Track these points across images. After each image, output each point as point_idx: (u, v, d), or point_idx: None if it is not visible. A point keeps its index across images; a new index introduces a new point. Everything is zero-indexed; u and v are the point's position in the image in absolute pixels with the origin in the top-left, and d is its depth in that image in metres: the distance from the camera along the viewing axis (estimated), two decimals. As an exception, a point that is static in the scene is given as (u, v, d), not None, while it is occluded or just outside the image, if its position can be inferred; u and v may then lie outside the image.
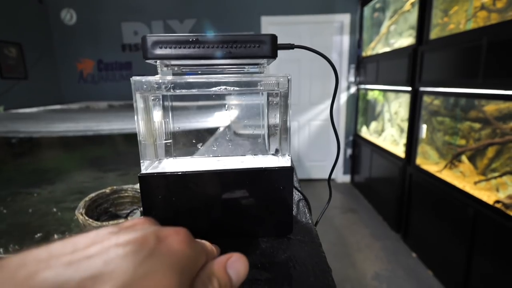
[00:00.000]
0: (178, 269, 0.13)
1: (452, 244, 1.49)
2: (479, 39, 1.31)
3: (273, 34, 0.22)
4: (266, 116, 0.26)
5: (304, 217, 0.29)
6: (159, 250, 0.13)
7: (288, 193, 0.24)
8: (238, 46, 0.21)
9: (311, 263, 0.21)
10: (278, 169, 0.24)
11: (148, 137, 0.23)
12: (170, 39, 0.21)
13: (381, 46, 2.59)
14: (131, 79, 0.21)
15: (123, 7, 3.00)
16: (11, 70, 2.61)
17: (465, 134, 1.63)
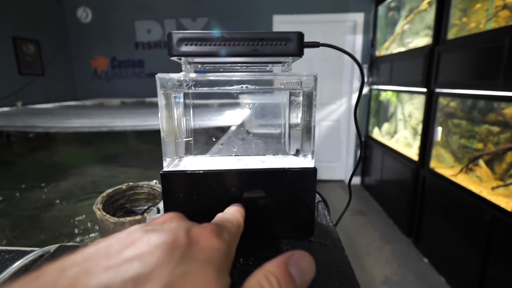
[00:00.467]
0: (213, 264, 0.13)
1: (467, 250, 1.45)
2: (501, 40, 1.27)
3: (300, 32, 0.22)
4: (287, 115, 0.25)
5: (324, 220, 0.28)
6: (191, 249, 0.13)
7: (310, 195, 0.24)
8: (264, 43, 0.21)
9: (335, 268, 0.20)
10: (301, 170, 0.23)
11: (170, 134, 0.23)
12: (196, 36, 0.21)
13: (395, 46, 2.54)
14: (156, 76, 0.21)
15: (137, 5, 3.04)
16: (29, 67, 2.68)
17: (483, 137, 1.58)
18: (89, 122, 1.20)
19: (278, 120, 0.27)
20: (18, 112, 1.74)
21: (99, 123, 1.18)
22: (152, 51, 3.16)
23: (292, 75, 0.22)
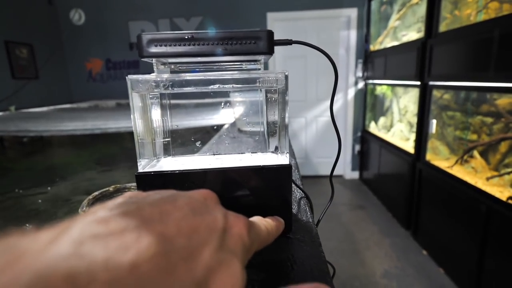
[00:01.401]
0: (238, 256, 0.13)
1: (464, 241, 1.46)
2: (491, 31, 1.27)
3: (269, 30, 0.22)
4: (265, 113, 0.25)
5: (304, 216, 0.28)
6: (226, 235, 0.13)
7: (287, 192, 0.24)
8: (234, 42, 0.21)
9: (310, 264, 0.20)
10: (276, 167, 0.23)
11: (147, 135, 0.23)
12: (165, 37, 0.21)
13: (389, 40, 2.54)
14: (127, 78, 0.21)
15: (130, 6, 3.03)
16: (22, 71, 2.67)
17: (477, 128, 1.58)
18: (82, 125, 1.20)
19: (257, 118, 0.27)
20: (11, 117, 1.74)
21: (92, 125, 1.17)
22: (146, 51, 3.14)
23: (266, 73, 0.22)
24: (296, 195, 0.34)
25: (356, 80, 3.01)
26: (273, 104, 0.24)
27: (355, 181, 3.15)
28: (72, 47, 3.17)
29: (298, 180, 0.38)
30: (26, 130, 1.18)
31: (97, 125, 1.16)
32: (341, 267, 1.74)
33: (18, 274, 0.08)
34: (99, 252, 0.09)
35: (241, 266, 0.13)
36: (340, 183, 3.08)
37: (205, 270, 0.11)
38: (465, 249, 1.45)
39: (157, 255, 0.10)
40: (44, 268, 0.09)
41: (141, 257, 0.10)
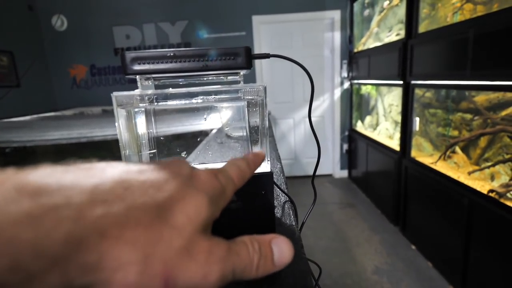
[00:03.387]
0: (207, 195, 0.15)
1: (450, 234, 1.51)
2: (466, 32, 1.33)
3: (247, 46, 0.23)
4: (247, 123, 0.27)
5: (288, 219, 0.29)
6: (192, 179, 0.16)
7: (269, 197, 0.25)
8: (213, 59, 0.22)
9: (292, 265, 0.22)
10: (258, 174, 0.25)
11: (133, 149, 0.24)
12: (148, 55, 0.22)
13: (372, 41, 2.61)
14: (112, 95, 0.22)
15: (114, 11, 2.99)
16: (2, 79, 2.59)
17: (457, 125, 1.65)
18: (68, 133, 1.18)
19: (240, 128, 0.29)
20: (-7, 128, 1.69)
21: (78, 133, 1.16)
22: (131, 57, 3.11)
23: (246, 86, 0.24)
24: (281, 199, 0.35)
25: (342, 80, 3.07)
26: (254, 114, 0.25)
27: (344, 179, 3.20)
28: (54, 53, 3.10)
29: (283, 184, 0.40)
30: (8, 140, 1.15)
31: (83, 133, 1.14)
32: (333, 265, 1.76)
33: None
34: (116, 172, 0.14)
35: (207, 202, 0.15)
36: (329, 182, 3.13)
37: (167, 198, 0.14)
38: (451, 242, 1.50)
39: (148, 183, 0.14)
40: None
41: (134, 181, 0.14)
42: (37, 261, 0.10)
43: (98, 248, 0.11)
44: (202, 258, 0.14)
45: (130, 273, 0.12)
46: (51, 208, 0.11)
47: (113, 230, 0.12)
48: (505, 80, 1.17)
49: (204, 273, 0.14)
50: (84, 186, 0.12)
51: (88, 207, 0.11)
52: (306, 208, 0.38)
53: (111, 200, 0.12)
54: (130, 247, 0.12)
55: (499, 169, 1.39)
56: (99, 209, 0.12)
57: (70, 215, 0.11)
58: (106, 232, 0.11)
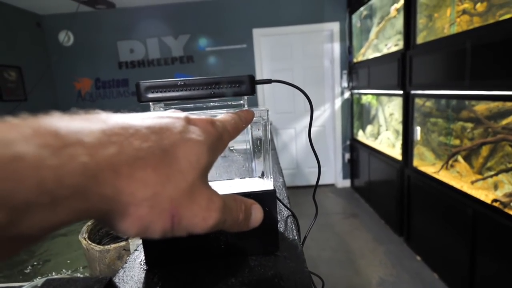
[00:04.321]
0: (205, 141, 0.17)
1: (455, 245, 1.50)
2: (463, 43, 1.35)
3: (250, 75, 0.25)
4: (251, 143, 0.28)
5: (291, 234, 0.31)
6: (189, 126, 0.17)
7: (272, 214, 0.26)
8: (220, 87, 0.24)
9: (295, 279, 0.23)
10: (262, 192, 0.26)
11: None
12: (160, 84, 0.24)
13: (371, 51, 2.65)
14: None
15: (119, 26, 3.07)
16: (11, 93, 2.65)
17: (459, 134, 1.66)
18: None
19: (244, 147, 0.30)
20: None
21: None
22: (136, 69, 3.17)
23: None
24: (284, 214, 0.36)
25: (342, 90, 3.10)
26: (257, 134, 0.27)
27: (347, 189, 3.19)
28: (60, 67, 3.17)
29: (285, 199, 0.41)
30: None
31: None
32: (337, 277, 1.74)
33: None
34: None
35: (206, 149, 0.16)
36: (332, 192, 3.12)
37: (169, 144, 0.15)
38: (457, 253, 1.49)
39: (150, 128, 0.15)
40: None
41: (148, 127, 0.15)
42: (60, 187, 0.11)
43: (113, 183, 0.13)
44: (204, 203, 0.15)
45: (142, 207, 0.13)
46: (66, 144, 0.12)
47: (125, 168, 0.13)
48: (504, 90, 1.18)
49: (204, 217, 0.15)
50: (92, 129, 0.13)
51: (99, 147, 0.12)
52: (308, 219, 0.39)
53: (118, 142, 0.13)
54: (142, 185, 0.13)
55: (502, 178, 1.39)
56: (110, 149, 0.13)
57: (84, 152, 0.12)
58: (119, 169, 0.13)
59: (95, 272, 0.39)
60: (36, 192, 0.10)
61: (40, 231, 0.11)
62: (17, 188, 0.10)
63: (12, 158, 0.10)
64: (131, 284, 0.24)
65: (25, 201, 0.10)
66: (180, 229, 0.15)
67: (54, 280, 0.22)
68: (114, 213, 0.13)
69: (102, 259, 0.37)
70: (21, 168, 0.10)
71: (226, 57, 3.08)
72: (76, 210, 0.12)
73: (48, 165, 0.11)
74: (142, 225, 0.14)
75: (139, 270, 0.26)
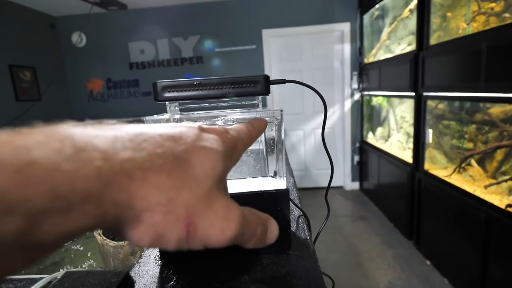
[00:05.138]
0: (218, 149, 0.16)
1: (467, 250, 1.47)
2: (479, 44, 1.32)
3: (265, 75, 0.25)
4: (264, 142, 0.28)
5: (303, 233, 0.31)
6: (203, 134, 0.17)
7: (285, 213, 0.27)
8: (235, 86, 0.24)
9: (308, 277, 0.23)
10: (275, 191, 0.26)
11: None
12: (177, 84, 0.24)
13: (382, 52, 2.62)
14: (145, 119, 0.25)
15: (130, 28, 3.13)
16: (26, 93, 2.73)
17: (472, 137, 1.62)
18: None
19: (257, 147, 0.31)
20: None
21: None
22: (146, 70, 3.22)
23: (264, 110, 0.26)
24: (295, 214, 0.36)
25: (352, 91, 3.07)
26: (271, 135, 0.27)
27: (355, 191, 3.15)
28: (73, 68, 3.25)
29: (296, 199, 0.41)
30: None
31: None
32: (345, 280, 1.72)
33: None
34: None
35: (221, 157, 0.16)
36: (340, 194, 3.09)
37: (184, 151, 0.15)
38: (468, 258, 1.45)
39: (164, 136, 0.15)
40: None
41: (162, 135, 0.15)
42: (74, 192, 0.11)
43: (127, 188, 0.12)
44: (222, 212, 0.15)
45: (156, 213, 0.13)
46: (80, 149, 0.12)
47: (139, 173, 0.13)
48: (520, 92, 1.15)
49: (221, 227, 0.14)
50: (105, 136, 0.13)
51: (113, 152, 0.12)
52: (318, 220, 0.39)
53: (132, 148, 0.13)
54: (156, 189, 0.13)
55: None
56: (124, 154, 0.13)
57: (98, 156, 0.12)
58: (132, 174, 0.13)
59: (109, 267, 0.40)
60: (51, 197, 0.11)
61: (56, 238, 0.11)
62: (33, 194, 0.10)
63: (27, 164, 0.10)
64: (146, 278, 0.25)
65: (41, 207, 0.10)
66: (196, 240, 0.14)
67: (73, 272, 0.23)
68: (127, 219, 0.13)
69: (116, 255, 0.38)
70: (36, 174, 0.10)
71: (236, 58, 3.09)
72: (90, 216, 0.12)
73: (62, 169, 0.11)
74: (156, 233, 0.13)
75: (154, 265, 0.27)
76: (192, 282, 0.24)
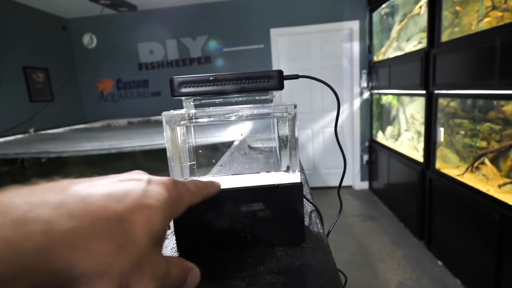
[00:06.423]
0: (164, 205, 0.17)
1: (480, 250, 1.44)
2: (493, 40, 1.29)
3: (279, 70, 0.26)
4: (277, 137, 0.29)
5: (316, 227, 0.31)
6: (151, 190, 0.17)
7: (299, 206, 0.27)
8: (250, 81, 0.25)
9: (322, 269, 0.23)
10: (289, 185, 0.27)
11: (176, 160, 0.27)
12: (193, 79, 0.25)
13: (392, 50, 2.58)
14: (162, 114, 0.25)
15: (139, 29, 3.17)
16: (39, 94, 2.80)
17: (486, 135, 1.58)
18: (99, 145, 1.26)
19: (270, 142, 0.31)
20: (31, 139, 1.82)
21: (109, 145, 1.23)
22: (155, 71, 3.26)
23: (277, 105, 0.26)
24: (307, 208, 0.37)
25: (361, 90, 3.04)
26: (283, 129, 0.28)
27: (364, 191, 3.12)
28: (84, 69, 3.31)
29: (308, 194, 0.41)
30: (46, 151, 1.24)
31: (113, 145, 1.21)
32: (354, 280, 1.71)
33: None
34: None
35: (161, 215, 0.17)
36: (349, 194, 3.07)
37: (126, 211, 0.15)
38: (482, 259, 1.42)
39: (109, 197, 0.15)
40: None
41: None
42: (9, 267, 0.11)
43: (66, 258, 0.13)
44: (150, 271, 0.16)
45: (93, 279, 0.14)
46: (21, 224, 0.12)
47: (80, 242, 0.13)
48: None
49: (146, 284, 0.15)
50: (50, 203, 0.13)
51: (56, 222, 0.13)
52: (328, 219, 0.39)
53: (76, 215, 0.13)
54: (95, 257, 0.14)
55: (533, 182, 1.32)
56: (66, 223, 0.13)
57: (40, 229, 0.12)
58: (73, 244, 0.13)
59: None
60: None
61: None
62: None
63: None
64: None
65: None
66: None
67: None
68: (64, 284, 0.13)
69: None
70: None
71: (244, 57, 3.10)
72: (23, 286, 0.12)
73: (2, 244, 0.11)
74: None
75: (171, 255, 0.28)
76: (209, 272, 0.24)
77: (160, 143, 1.25)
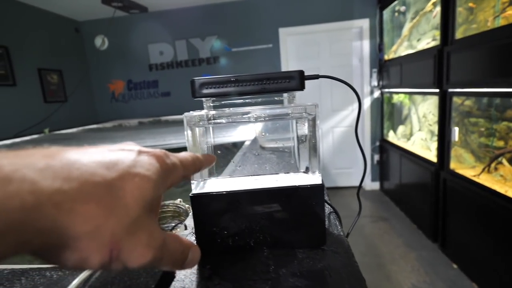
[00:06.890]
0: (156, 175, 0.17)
1: (498, 253, 1.39)
2: (510, 36, 1.25)
3: (300, 70, 0.25)
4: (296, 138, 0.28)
5: (335, 229, 0.31)
6: (142, 160, 0.17)
7: (320, 208, 0.26)
8: (271, 82, 0.24)
9: (345, 272, 0.23)
10: (310, 186, 0.26)
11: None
12: (214, 81, 0.25)
13: (403, 48, 2.54)
14: (184, 115, 0.25)
15: (149, 30, 3.21)
16: (53, 95, 2.87)
17: (503, 135, 1.53)
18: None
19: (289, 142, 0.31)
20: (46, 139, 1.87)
21: (122, 145, 1.24)
22: (165, 71, 3.30)
23: (297, 106, 0.26)
24: (326, 210, 0.36)
25: (372, 89, 3.00)
26: (303, 130, 0.27)
27: (376, 192, 3.08)
28: (96, 70, 3.38)
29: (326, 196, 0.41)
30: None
31: (125, 145, 1.22)
32: (367, 282, 1.69)
33: None
34: None
35: (152, 184, 0.16)
36: (360, 194, 3.02)
37: (116, 178, 0.15)
38: (499, 262, 1.38)
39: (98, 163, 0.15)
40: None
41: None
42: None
43: (53, 218, 0.13)
44: (145, 239, 0.15)
45: (82, 241, 0.14)
46: (7, 182, 0.12)
47: (66, 203, 0.13)
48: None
49: (142, 253, 0.15)
50: (36, 165, 0.13)
51: (42, 182, 0.13)
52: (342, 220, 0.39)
53: (63, 178, 0.13)
54: (83, 218, 0.13)
55: (553, 183, 1.27)
56: (53, 184, 0.13)
57: (25, 188, 0.12)
58: (60, 204, 0.13)
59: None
60: None
61: None
62: None
63: None
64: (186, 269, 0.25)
65: None
66: (118, 263, 0.15)
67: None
68: (53, 246, 0.13)
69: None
70: None
71: (252, 57, 3.10)
72: (10, 245, 0.12)
73: None
74: (79, 258, 0.14)
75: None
76: (230, 274, 0.24)
77: (172, 142, 1.26)
